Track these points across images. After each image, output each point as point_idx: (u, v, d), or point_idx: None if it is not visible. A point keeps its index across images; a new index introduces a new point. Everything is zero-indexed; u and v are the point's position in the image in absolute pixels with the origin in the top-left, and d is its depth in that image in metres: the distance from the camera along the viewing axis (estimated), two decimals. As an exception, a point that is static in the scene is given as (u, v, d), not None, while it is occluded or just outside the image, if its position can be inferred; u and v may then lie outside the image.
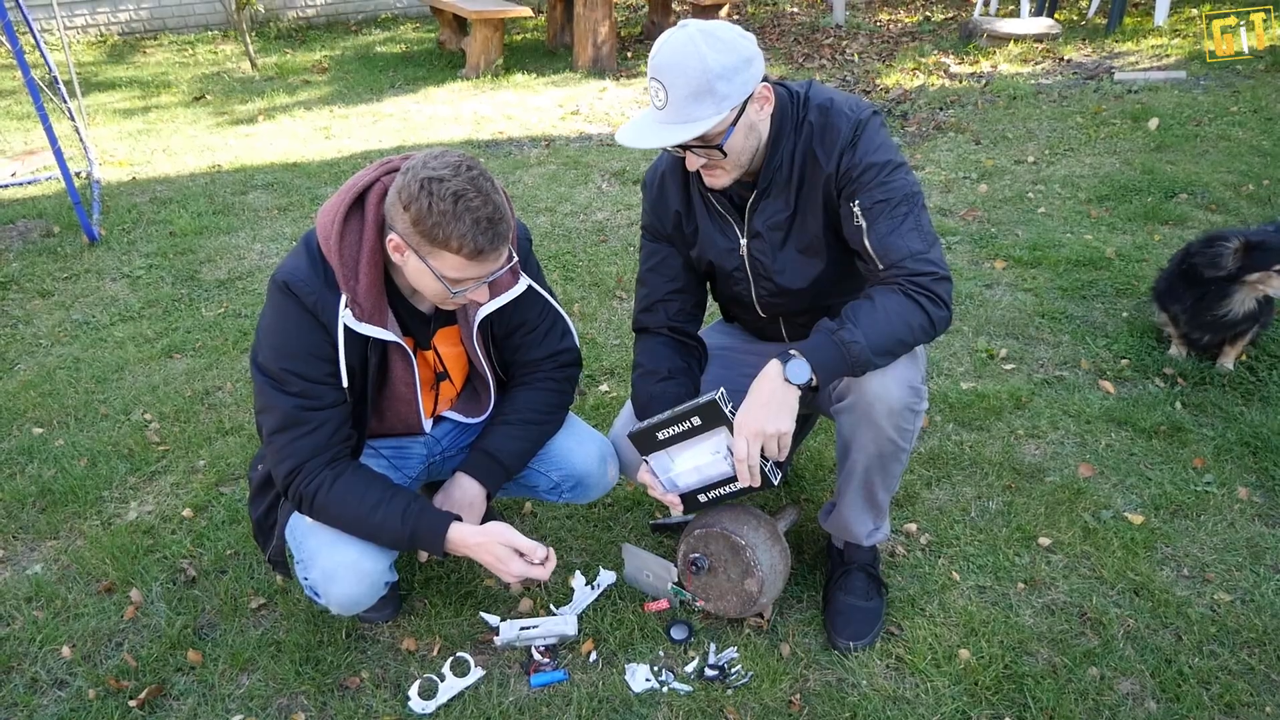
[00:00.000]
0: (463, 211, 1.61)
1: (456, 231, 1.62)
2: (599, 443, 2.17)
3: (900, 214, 1.80)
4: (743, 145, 1.82)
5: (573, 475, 2.14)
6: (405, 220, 1.66)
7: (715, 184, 1.89)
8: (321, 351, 1.77)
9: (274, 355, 1.76)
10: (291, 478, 1.80)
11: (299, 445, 1.79)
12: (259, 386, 1.80)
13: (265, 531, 2.04)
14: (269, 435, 1.80)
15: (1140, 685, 1.97)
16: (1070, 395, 2.99)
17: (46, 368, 3.49)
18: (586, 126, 6.46)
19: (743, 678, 2.02)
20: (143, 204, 5.21)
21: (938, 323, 1.79)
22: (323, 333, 1.76)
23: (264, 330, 1.80)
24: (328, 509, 1.82)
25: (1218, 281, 2.87)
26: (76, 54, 9.13)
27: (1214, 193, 4.47)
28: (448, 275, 1.70)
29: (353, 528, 1.84)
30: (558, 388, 2.11)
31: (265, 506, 2.01)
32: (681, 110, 1.71)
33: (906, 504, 2.54)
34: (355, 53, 9.14)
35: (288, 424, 1.78)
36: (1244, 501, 2.49)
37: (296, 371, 1.76)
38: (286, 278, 1.74)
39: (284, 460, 1.80)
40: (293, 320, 1.75)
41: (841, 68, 7.68)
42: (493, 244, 1.67)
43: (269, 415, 1.79)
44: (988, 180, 4.94)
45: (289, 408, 1.77)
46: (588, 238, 4.50)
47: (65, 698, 2.05)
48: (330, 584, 1.86)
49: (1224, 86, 6.17)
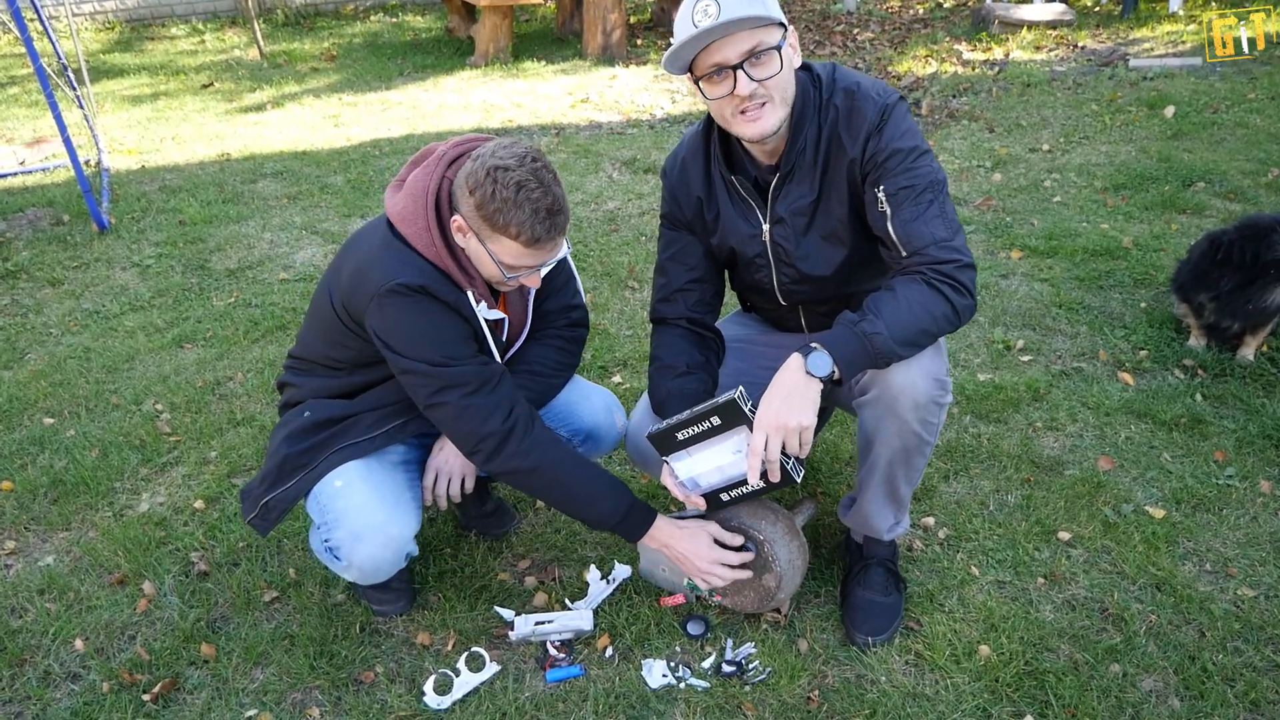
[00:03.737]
0: (523, 200, 1.71)
1: (516, 219, 1.72)
2: (604, 395, 2.24)
3: (925, 201, 1.77)
4: (789, 72, 1.78)
5: (581, 429, 2.20)
6: (470, 204, 1.76)
7: (764, 126, 1.78)
8: (469, 335, 1.89)
9: (435, 348, 1.82)
10: (510, 420, 1.86)
11: (500, 395, 1.87)
12: (432, 377, 1.83)
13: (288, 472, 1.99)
14: (461, 400, 1.83)
15: (1163, 682, 1.94)
16: (1089, 387, 2.96)
17: (57, 357, 3.48)
18: (596, 115, 6.42)
19: (760, 674, 2.00)
20: (152, 192, 5.19)
21: (962, 312, 1.76)
22: (466, 325, 1.88)
23: (413, 335, 1.82)
24: (546, 454, 1.89)
25: (1274, 267, 2.81)
26: (84, 41, 9.11)
27: (1232, 181, 4.42)
28: (505, 261, 1.80)
29: (556, 485, 1.92)
30: (566, 346, 2.17)
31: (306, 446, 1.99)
32: (739, 5, 1.68)
33: (924, 497, 2.51)
34: (363, 40, 9.10)
35: (482, 383, 1.85)
36: (1266, 495, 2.45)
37: (460, 356, 1.85)
38: (415, 280, 1.79)
39: (494, 412, 1.85)
40: (438, 316, 1.83)
41: (853, 54, 7.62)
42: (549, 234, 1.76)
43: (456, 389, 1.83)
44: (1002, 169, 4.89)
45: (475, 370, 1.85)
46: (599, 227, 4.47)
47: (79, 691, 2.04)
48: (356, 544, 1.89)
49: (1241, 73, 6.10)
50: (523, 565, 2.37)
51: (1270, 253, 2.78)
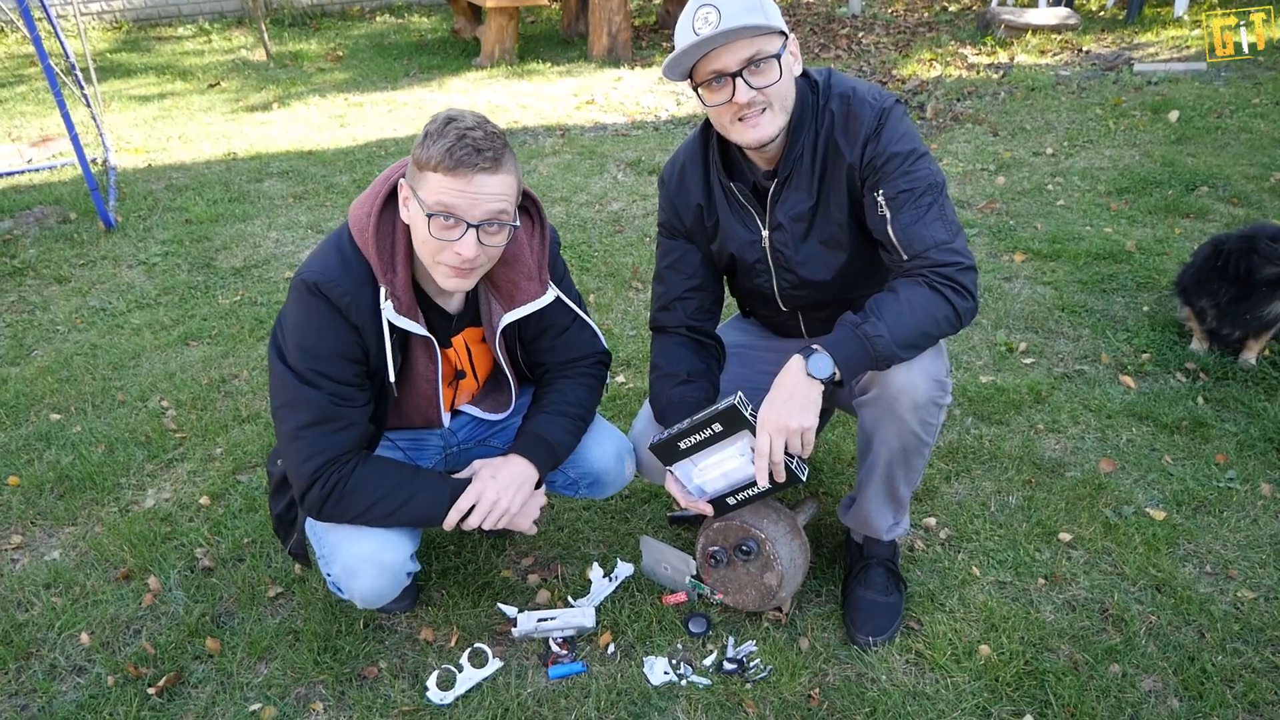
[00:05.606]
0: (449, 129, 1.62)
1: (439, 146, 1.62)
2: (616, 440, 2.15)
3: (925, 204, 1.78)
4: (790, 81, 1.79)
5: (590, 473, 2.13)
6: (410, 162, 1.69)
7: (762, 133, 1.79)
8: (351, 354, 1.76)
9: (303, 356, 1.73)
10: (320, 473, 1.77)
11: (332, 440, 1.76)
12: (283, 382, 1.75)
13: (286, 526, 2.04)
14: (296, 429, 1.75)
15: (1163, 683, 1.95)
16: (1091, 390, 2.97)
17: (64, 354, 3.50)
18: (601, 116, 6.44)
19: (761, 671, 2.01)
20: (159, 191, 5.21)
21: (963, 314, 1.77)
22: (353, 334, 1.75)
23: (291, 329, 1.76)
24: (358, 489, 1.79)
25: (1272, 281, 2.80)
26: (92, 41, 9.15)
27: (1235, 186, 4.42)
28: (429, 200, 1.64)
29: (386, 502, 1.81)
30: (594, 385, 2.11)
31: (286, 502, 2.00)
32: (739, 15, 1.69)
33: (926, 498, 2.52)
34: (369, 41, 9.13)
35: (320, 418, 1.75)
36: (1267, 498, 2.46)
37: (326, 373, 1.74)
38: (316, 278, 1.72)
39: (313, 456, 1.75)
40: (321, 321, 1.73)
41: (858, 58, 7.63)
42: (470, 159, 1.62)
43: (296, 410, 1.75)
44: (1006, 172, 4.90)
45: (323, 403, 1.74)
46: (603, 228, 4.49)
47: (84, 684, 2.05)
48: (352, 579, 1.85)
49: (1245, 79, 6.10)
50: (526, 563, 2.38)
51: (1260, 272, 2.80)
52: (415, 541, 1.94)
